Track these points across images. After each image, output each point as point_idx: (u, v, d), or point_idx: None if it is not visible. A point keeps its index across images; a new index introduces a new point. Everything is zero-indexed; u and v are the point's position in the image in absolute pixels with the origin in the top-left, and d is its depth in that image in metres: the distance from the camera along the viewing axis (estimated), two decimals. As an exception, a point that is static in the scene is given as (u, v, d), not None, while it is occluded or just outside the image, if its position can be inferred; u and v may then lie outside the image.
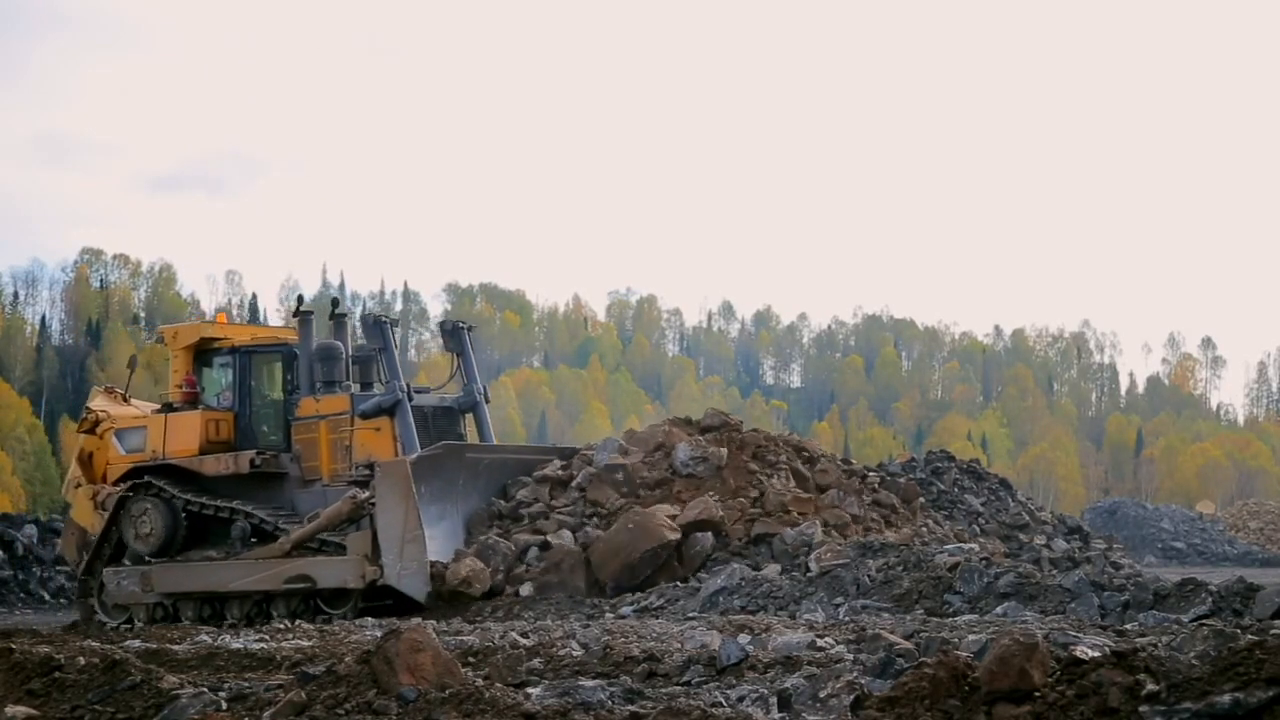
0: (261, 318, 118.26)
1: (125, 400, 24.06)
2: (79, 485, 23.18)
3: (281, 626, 16.83)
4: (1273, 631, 8.50)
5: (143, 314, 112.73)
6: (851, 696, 6.54)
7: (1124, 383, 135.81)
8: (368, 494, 19.43)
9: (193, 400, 21.88)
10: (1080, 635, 9.17)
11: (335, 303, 23.18)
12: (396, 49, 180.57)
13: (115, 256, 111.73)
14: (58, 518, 36.85)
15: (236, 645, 11.94)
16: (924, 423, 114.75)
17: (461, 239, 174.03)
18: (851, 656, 8.62)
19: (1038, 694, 5.04)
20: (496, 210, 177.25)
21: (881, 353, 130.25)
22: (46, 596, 28.98)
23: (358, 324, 22.44)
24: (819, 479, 20.89)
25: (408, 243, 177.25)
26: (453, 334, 22.46)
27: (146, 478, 21.50)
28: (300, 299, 22.29)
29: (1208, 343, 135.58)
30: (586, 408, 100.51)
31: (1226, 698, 4.38)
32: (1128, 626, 11.35)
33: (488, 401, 22.29)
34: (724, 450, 20.44)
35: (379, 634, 10.05)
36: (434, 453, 19.70)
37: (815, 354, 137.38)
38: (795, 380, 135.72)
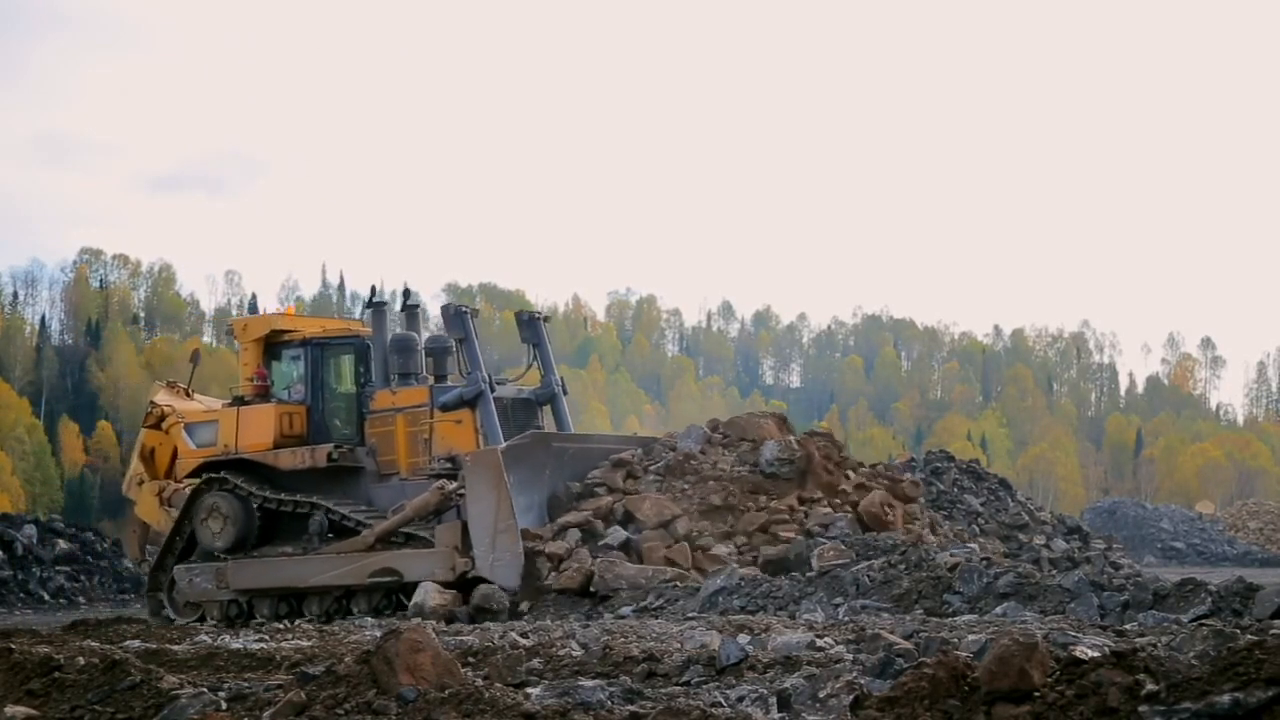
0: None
1: (189, 395, 23.75)
2: (142, 482, 22.91)
3: (280, 626, 16.84)
4: (1272, 631, 8.50)
5: (142, 314, 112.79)
6: (851, 696, 6.54)
7: (1124, 383, 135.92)
8: (455, 485, 19.10)
9: (264, 393, 21.53)
10: (1080, 635, 9.18)
11: (407, 294, 22.61)
12: (397, 49, 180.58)
13: (115, 256, 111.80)
14: (57, 518, 36.95)
15: (236, 645, 11.94)
16: (924, 423, 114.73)
17: (461, 239, 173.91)
18: (851, 656, 8.62)
19: (1037, 694, 5.04)
20: (496, 210, 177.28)
21: (881, 353, 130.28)
22: (46, 596, 28.97)
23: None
24: (909, 490, 20.93)
25: (407, 243, 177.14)
26: (529, 325, 22.04)
27: (220, 473, 21.14)
28: (373, 290, 21.66)
29: (1207, 343, 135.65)
30: (586, 408, 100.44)
31: (1226, 698, 4.38)
32: (1127, 626, 11.34)
33: (565, 393, 21.96)
34: (813, 453, 20.04)
35: (379, 634, 10.06)
36: (522, 442, 19.38)
37: (815, 354, 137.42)
38: (795, 380, 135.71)
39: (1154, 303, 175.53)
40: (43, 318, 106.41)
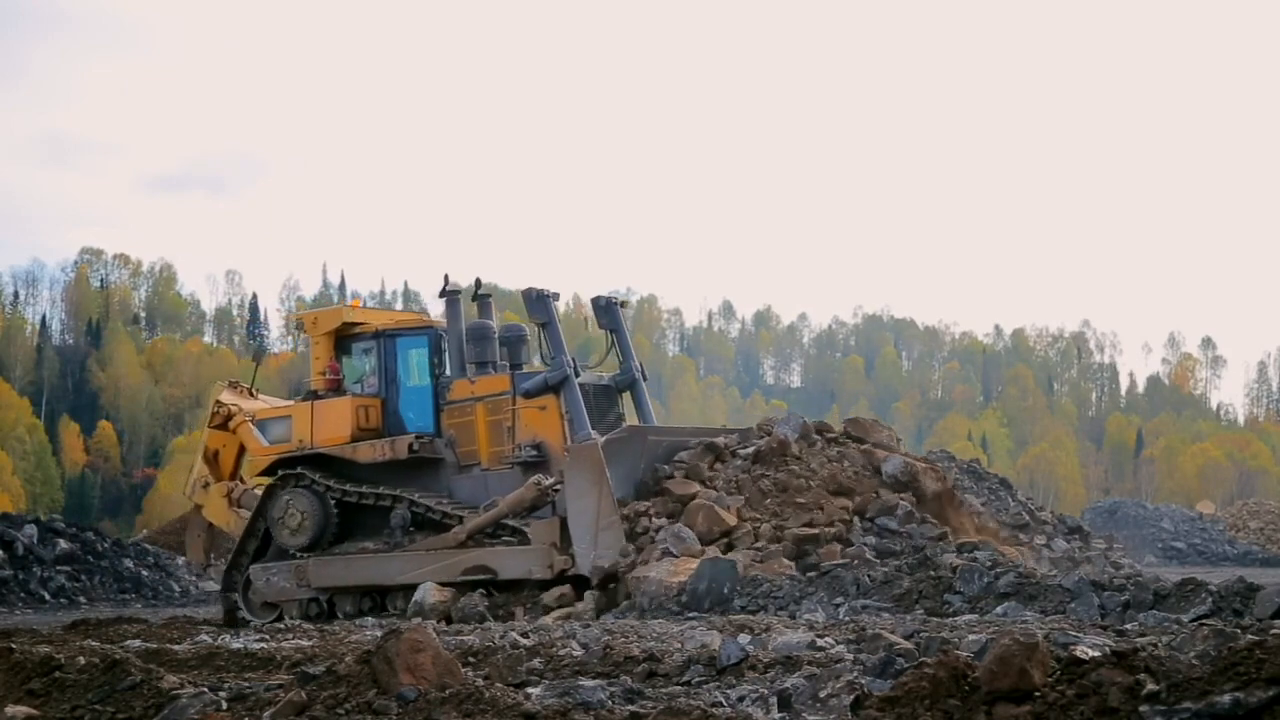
0: (262, 317, 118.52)
1: (252, 394, 23.42)
2: (207, 484, 22.60)
3: (281, 626, 16.82)
4: (1273, 631, 8.49)
5: (143, 314, 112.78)
6: (851, 696, 6.54)
7: (1124, 383, 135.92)
8: (552, 480, 18.65)
9: (337, 387, 21.15)
10: (1080, 635, 9.17)
11: (479, 283, 21.89)
12: (396, 49, 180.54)
13: (115, 256, 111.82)
14: (58, 517, 36.93)
15: (237, 645, 11.94)
16: (924, 423, 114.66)
17: (461, 239, 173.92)
18: (851, 656, 8.61)
19: (1038, 694, 5.04)
20: (496, 210, 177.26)
21: (881, 353, 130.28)
22: (46, 596, 28.93)
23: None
24: (1013, 518, 20.64)
25: (408, 243, 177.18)
26: (606, 310, 21.66)
27: (295, 469, 20.78)
28: (446, 278, 20.94)
29: (1208, 343, 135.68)
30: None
31: (1227, 698, 4.38)
32: (1128, 626, 11.34)
33: (645, 380, 21.53)
34: (937, 486, 19.46)
35: (379, 634, 10.05)
36: (619, 435, 19.02)
37: (815, 354, 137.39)
38: (795, 380, 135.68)
39: (1154, 302, 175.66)
40: (43, 317, 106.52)
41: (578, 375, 19.94)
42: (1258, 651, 4.60)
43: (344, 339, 21.35)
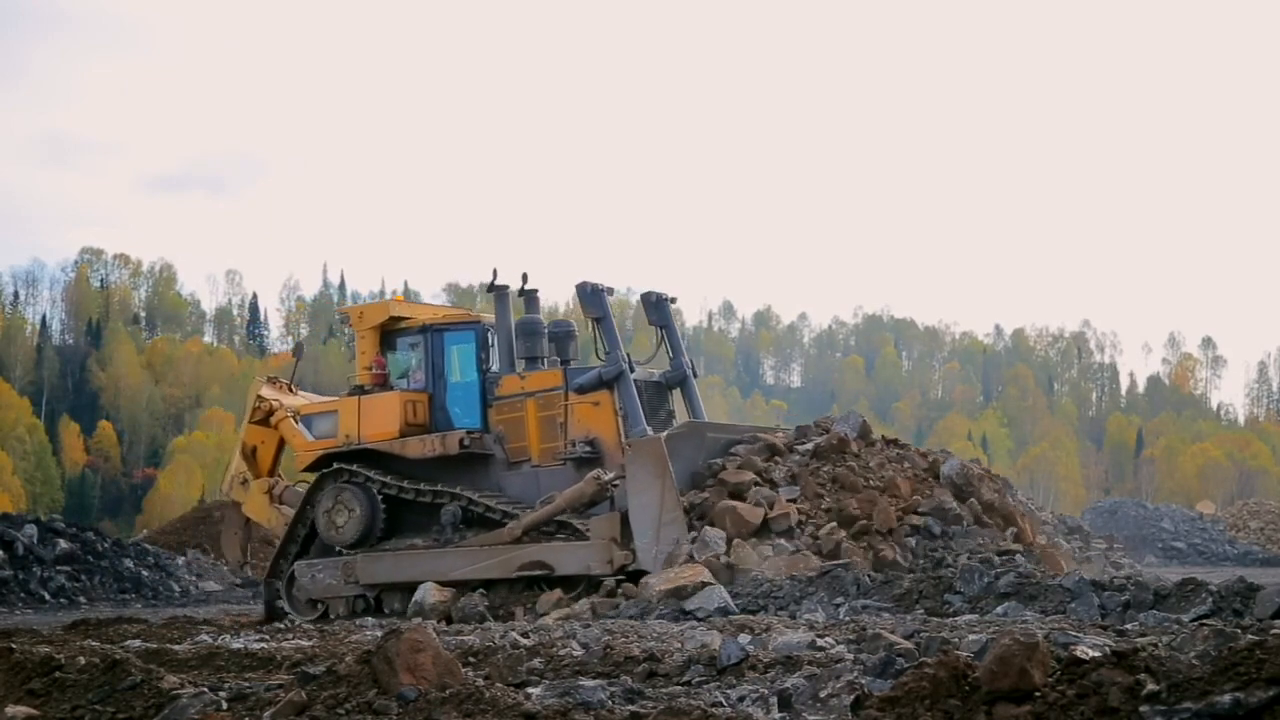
0: (262, 317, 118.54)
1: (292, 390, 23.18)
2: (245, 481, 22.41)
3: (282, 627, 16.81)
4: (1273, 631, 8.49)
5: (143, 314, 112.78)
6: (852, 696, 6.53)
7: (1124, 383, 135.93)
8: (612, 475, 18.40)
9: (383, 382, 20.91)
10: (1080, 635, 9.16)
11: (525, 277, 21.50)
12: (396, 49, 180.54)
13: (115, 256, 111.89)
14: (58, 517, 36.92)
15: (237, 645, 11.94)
16: (924, 423, 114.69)
17: (461, 239, 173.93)
18: (852, 656, 8.61)
19: (1038, 694, 5.03)
20: (496, 210, 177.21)
21: (881, 353, 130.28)
22: (46, 596, 28.92)
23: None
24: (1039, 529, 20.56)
25: (408, 243, 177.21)
26: (656, 306, 21.35)
27: (340, 465, 20.59)
28: (495, 273, 20.67)
29: (1208, 343, 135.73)
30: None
31: (1227, 698, 4.38)
32: (1128, 626, 11.33)
33: (696, 376, 21.28)
34: (986, 500, 19.18)
35: (379, 634, 10.05)
36: (680, 431, 18.84)
37: (815, 354, 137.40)
38: (795, 380, 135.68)
39: (1155, 302, 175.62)
40: (43, 317, 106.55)
41: (632, 371, 19.69)
42: (1258, 651, 4.60)
43: (389, 334, 21.11)
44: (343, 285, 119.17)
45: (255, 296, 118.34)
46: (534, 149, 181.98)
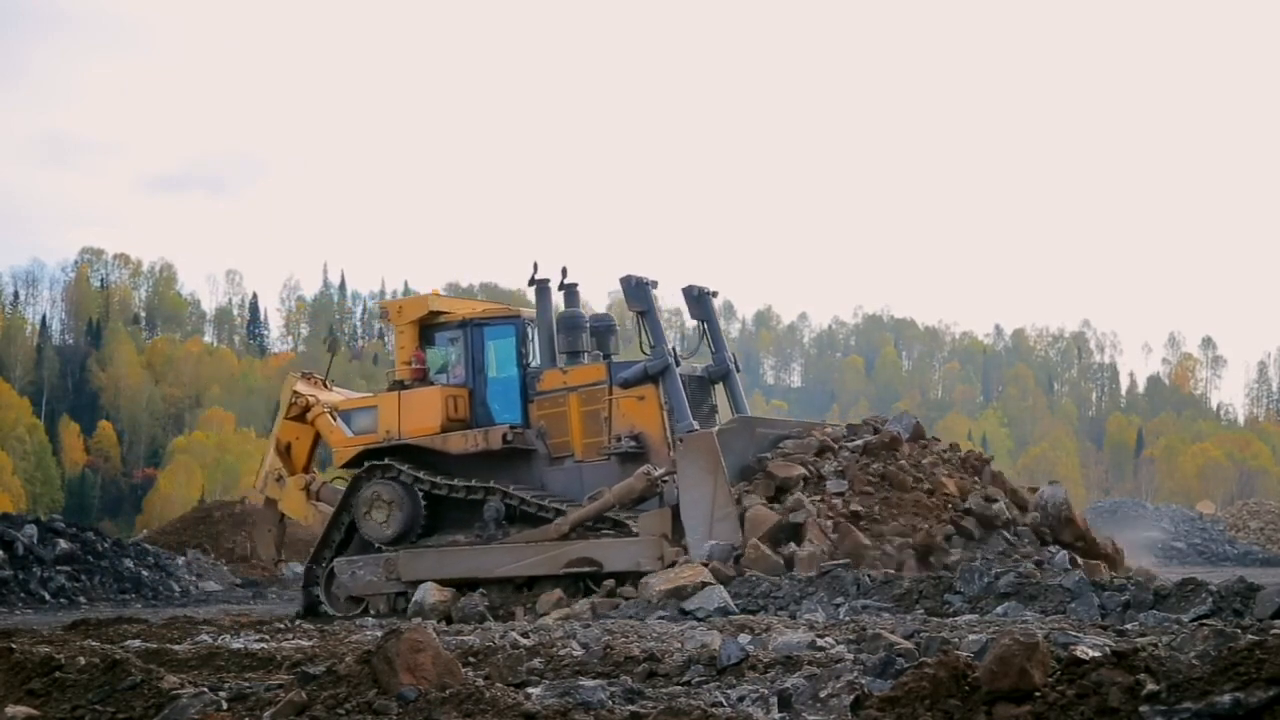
0: (262, 317, 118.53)
1: (326, 386, 23.01)
2: (280, 478, 22.21)
3: (282, 627, 16.80)
4: (1273, 631, 8.49)
5: (143, 314, 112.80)
6: (852, 696, 6.53)
7: (1124, 383, 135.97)
8: (662, 470, 18.16)
9: (423, 377, 20.71)
10: (1080, 635, 9.16)
11: (565, 271, 21.11)
12: (396, 49, 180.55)
13: (115, 256, 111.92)
14: (58, 517, 36.89)
15: (237, 645, 11.94)
16: (924, 423, 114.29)
17: (461, 239, 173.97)
18: (852, 656, 8.61)
19: (1038, 694, 5.03)
20: (496, 209, 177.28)
21: (882, 353, 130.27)
22: (47, 596, 28.89)
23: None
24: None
25: (408, 243, 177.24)
26: (698, 300, 21.08)
27: (383, 460, 20.42)
28: (535, 266, 20.31)
29: (1208, 343, 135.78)
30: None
31: (1227, 698, 4.37)
32: (1128, 626, 11.33)
33: (739, 370, 21.06)
34: (1078, 519, 18.99)
35: (379, 634, 10.05)
36: (730, 426, 18.65)
37: (815, 354, 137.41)
38: (795, 380, 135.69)
39: (1155, 302, 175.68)
40: (43, 317, 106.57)
41: (677, 365, 19.49)
42: (1258, 651, 4.60)
43: (428, 328, 20.93)
44: (343, 285, 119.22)
45: (255, 296, 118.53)
46: (533, 149, 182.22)
